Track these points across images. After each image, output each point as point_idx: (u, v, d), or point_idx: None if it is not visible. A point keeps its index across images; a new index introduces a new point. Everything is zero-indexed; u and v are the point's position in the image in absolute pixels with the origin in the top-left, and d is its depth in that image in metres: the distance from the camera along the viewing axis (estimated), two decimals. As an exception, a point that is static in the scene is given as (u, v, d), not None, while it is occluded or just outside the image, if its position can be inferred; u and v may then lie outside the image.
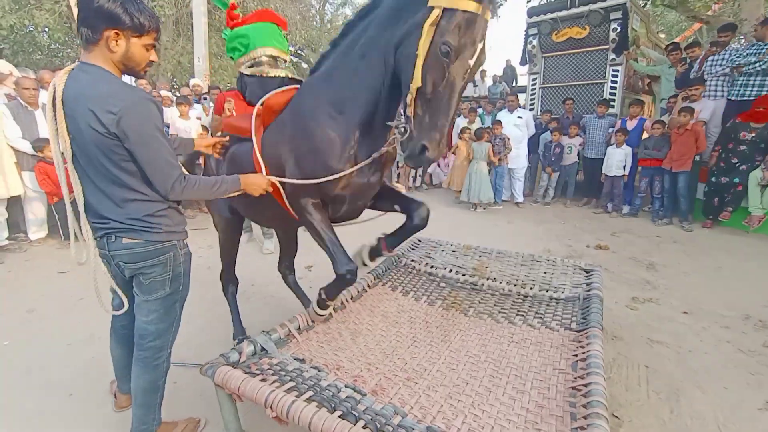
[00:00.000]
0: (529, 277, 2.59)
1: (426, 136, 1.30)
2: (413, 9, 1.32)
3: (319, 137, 1.57)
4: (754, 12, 5.82)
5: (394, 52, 1.38)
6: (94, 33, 1.24)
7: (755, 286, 3.19)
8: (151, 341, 1.52)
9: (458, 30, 1.23)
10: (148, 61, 1.37)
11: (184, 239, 1.53)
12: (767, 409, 1.84)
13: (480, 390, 1.58)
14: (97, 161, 1.29)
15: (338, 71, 1.60)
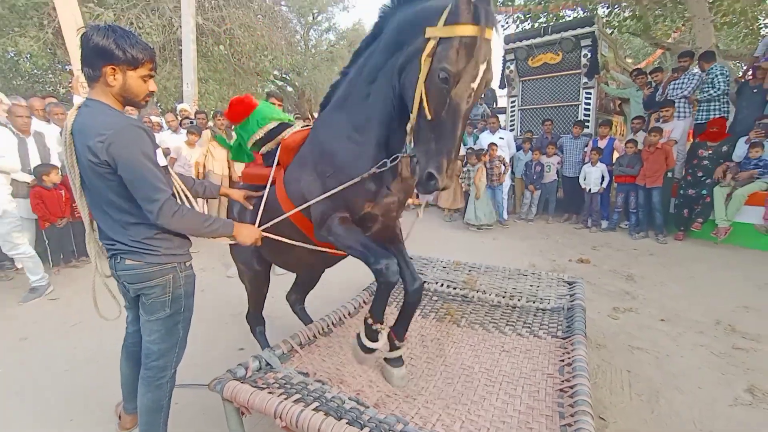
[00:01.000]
0: (516, 290, 2.73)
1: (433, 164, 1.28)
2: (412, 37, 1.34)
3: (341, 157, 1.59)
4: (707, 41, 6.35)
5: (399, 77, 1.41)
6: (93, 70, 1.35)
7: (725, 293, 3.41)
8: (154, 360, 1.57)
9: (457, 55, 1.22)
10: (147, 92, 1.44)
11: (186, 262, 1.58)
12: (737, 405, 1.99)
13: (475, 398, 1.68)
14: (98, 188, 1.38)
15: (350, 99, 1.62)
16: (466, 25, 1.20)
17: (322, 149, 1.67)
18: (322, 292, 2.83)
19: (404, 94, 1.40)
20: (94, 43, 1.31)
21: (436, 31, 1.24)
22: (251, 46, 11.32)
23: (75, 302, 3.39)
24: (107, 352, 2.26)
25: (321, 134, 1.72)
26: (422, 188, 1.36)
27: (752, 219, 4.60)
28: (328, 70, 16.23)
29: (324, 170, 1.63)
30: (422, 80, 1.27)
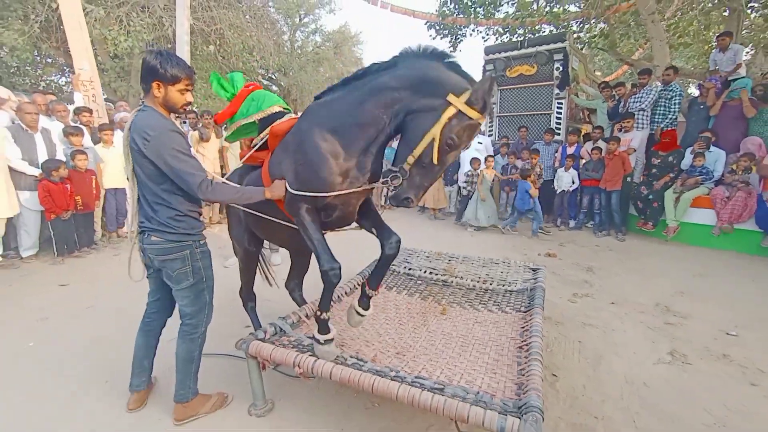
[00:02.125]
0: (489, 276, 3.17)
1: (413, 192, 1.70)
2: (433, 92, 1.63)
3: (316, 150, 1.78)
4: (663, 59, 7.04)
5: (404, 114, 1.70)
6: (146, 84, 1.72)
7: (667, 281, 3.96)
8: (188, 320, 1.91)
9: (463, 132, 1.62)
10: (184, 102, 1.78)
11: (200, 240, 1.88)
12: (659, 364, 2.48)
13: (453, 354, 2.09)
14: (140, 175, 1.73)
15: (344, 102, 1.82)
16: (478, 111, 1.60)
17: (302, 139, 1.86)
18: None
19: (405, 131, 1.71)
20: (147, 63, 1.69)
21: (458, 103, 1.59)
22: (240, 46, 11.51)
23: (84, 288, 3.63)
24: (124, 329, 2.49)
25: (303, 126, 1.92)
26: (395, 203, 1.75)
27: (696, 219, 5.22)
28: (314, 71, 16.51)
29: (297, 158, 1.86)
30: (438, 135, 1.61)
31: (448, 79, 1.64)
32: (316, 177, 1.78)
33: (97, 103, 5.51)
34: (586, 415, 2.02)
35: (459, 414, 1.50)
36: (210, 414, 2.00)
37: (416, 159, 1.67)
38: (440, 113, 1.61)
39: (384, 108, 1.72)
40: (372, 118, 1.74)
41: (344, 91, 1.88)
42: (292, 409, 2.07)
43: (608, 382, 2.30)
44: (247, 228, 2.46)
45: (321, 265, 1.80)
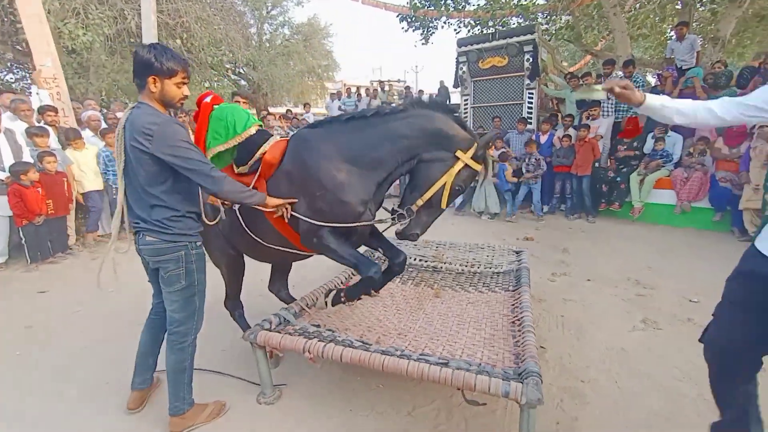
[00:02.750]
0: (476, 260, 3.33)
1: (419, 229, 2.00)
2: (445, 146, 1.90)
3: (333, 182, 1.89)
4: (625, 50, 7.45)
5: (417, 161, 1.94)
6: (141, 80, 1.65)
7: (635, 258, 4.28)
8: (176, 327, 1.82)
9: (468, 179, 1.96)
10: (181, 96, 1.71)
11: (196, 242, 1.81)
12: (634, 331, 2.73)
13: (451, 333, 2.21)
14: (136, 173, 1.64)
15: (357, 139, 1.93)
16: (480, 164, 1.95)
17: (313, 171, 1.92)
18: (312, 274, 3.24)
19: (415, 175, 1.98)
20: (140, 57, 1.61)
21: (465, 158, 1.90)
22: (207, 39, 11.15)
23: (66, 294, 3.52)
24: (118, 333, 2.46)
25: (311, 159, 1.95)
26: (401, 238, 2.01)
27: (659, 200, 5.62)
28: (284, 65, 16.17)
29: (311, 190, 1.91)
30: (449, 184, 1.92)
31: (456, 136, 1.91)
32: (340, 204, 1.89)
33: (63, 102, 5.25)
34: (573, 379, 2.21)
35: (466, 383, 1.62)
36: (207, 424, 1.93)
37: (425, 202, 1.94)
38: (450, 165, 1.90)
39: (399, 152, 1.93)
40: (387, 159, 1.93)
41: (351, 128, 1.98)
42: (300, 396, 2.15)
43: (591, 350, 2.51)
44: (228, 240, 2.34)
45: (363, 273, 1.92)
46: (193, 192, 1.81)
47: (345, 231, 1.97)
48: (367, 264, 1.91)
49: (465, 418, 1.94)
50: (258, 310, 2.85)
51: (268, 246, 2.16)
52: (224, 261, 2.44)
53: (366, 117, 1.97)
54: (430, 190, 1.92)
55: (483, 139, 1.94)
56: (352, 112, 2.04)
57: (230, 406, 2.06)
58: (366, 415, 1.99)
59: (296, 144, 2.07)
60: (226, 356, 2.54)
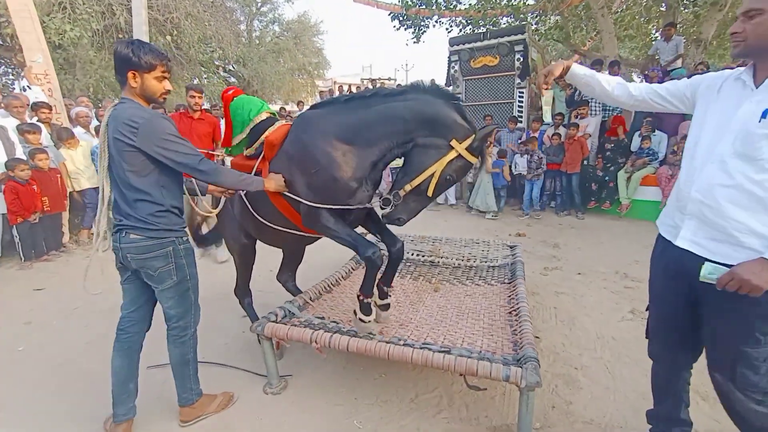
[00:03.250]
0: (471, 254, 3.42)
1: (406, 214, 1.93)
2: (440, 133, 1.82)
3: (328, 161, 1.89)
4: (612, 50, 7.65)
5: (411, 144, 1.87)
6: (121, 76, 1.62)
7: (623, 252, 4.43)
8: (175, 323, 1.83)
9: (460, 170, 1.87)
10: (163, 90, 1.68)
11: (183, 237, 1.79)
12: (623, 321, 2.86)
13: (450, 323, 2.30)
14: (120, 168, 1.61)
15: (354, 119, 1.92)
16: (475, 157, 1.86)
17: (310, 149, 1.94)
18: (315, 273, 3.30)
19: (409, 159, 1.91)
20: (118, 53, 1.60)
21: (459, 147, 1.82)
22: (197, 36, 11.05)
23: (63, 291, 3.51)
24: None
25: (307, 136, 1.99)
26: (388, 221, 1.96)
27: (646, 196, 5.80)
28: (275, 62, 16.07)
29: (308, 167, 1.93)
30: (438, 172, 1.84)
31: (454, 124, 1.83)
32: (333, 181, 1.87)
33: (55, 98, 5.18)
34: (567, 366, 2.32)
35: (469, 369, 1.71)
36: (216, 414, 1.97)
37: (413, 188, 1.87)
38: (443, 153, 1.83)
39: (395, 134, 1.88)
40: (381, 138, 1.89)
41: (349, 108, 1.97)
42: (305, 385, 2.21)
43: (583, 339, 2.62)
44: (241, 225, 2.43)
45: (361, 254, 1.88)
46: (176, 186, 1.79)
47: (342, 211, 1.96)
48: (366, 245, 1.90)
49: (466, 403, 2.03)
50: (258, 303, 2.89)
51: (275, 228, 2.20)
52: (237, 248, 2.53)
53: (365, 97, 1.96)
54: (420, 176, 1.85)
55: (481, 131, 1.86)
56: (353, 93, 2.03)
57: (238, 396, 2.12)
58: (371, 404, 2.06)
59: (297, 124, 2.12)
60: (229, 349, 2.59)
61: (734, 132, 1.21)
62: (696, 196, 1.29)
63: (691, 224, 1.33)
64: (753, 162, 1.17)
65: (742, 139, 1.19)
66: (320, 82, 19.34)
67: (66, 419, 1.98)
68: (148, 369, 1.98)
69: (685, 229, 1.34)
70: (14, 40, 8.86)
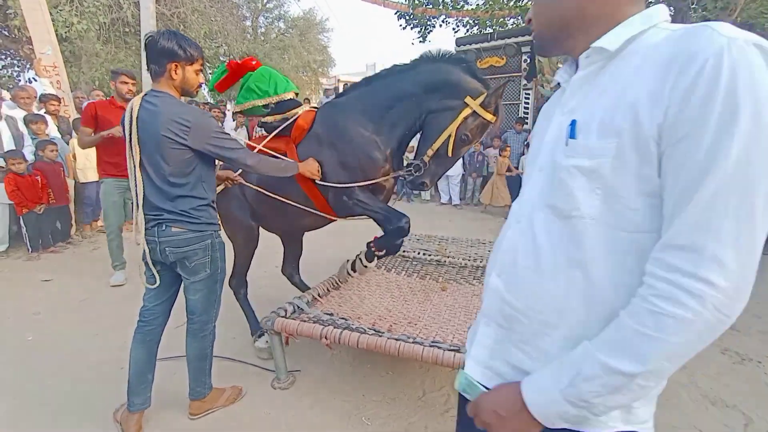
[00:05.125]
0: (477, 254, 3.42)
1: (429, 178, 2.04)
2: (452, 95, 1.90)
3: (360, 142, 2.02)
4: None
5: (426, 114, 1.98)
6: (160, 67, 1.62)
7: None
8: (198, 316, 1.84)
9: (476, 129, 1.93)
10: (198, 83, 1.73)
11: (218, 230, 1.84)
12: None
13: (459, 323, 2.30)
14: (158, 165, 1.62)
15: (373, 103, 2.06)
16: (491, 113, 1.91)
17: (342, 132, 2.07)
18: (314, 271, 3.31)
19: (426, 127, 2.00)
20: (161, 45, 1.59)
21: (473, 104, 1.87)
22: (203, 31, 11.05)
23: (71, 282, 3.52)
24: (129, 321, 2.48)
25: (338, 121, 2.11)
26: (412, 187, 2.12)
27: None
28: (280, 59, 16.07)
29: (342, 148, 2.05)
30: (454, 131, 1.91)
31: (465, 83, 1.90)
32: (368, 159, 2.00)
33: (63, 91, 5.19)
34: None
35: (479, 367, 1.71)
36: (225, 407, 1.99)
37: (434, 152, 1.97)
38: (457, 113, 1.89)
39: (412, 109, 1.99)
40: (402, 118, 2.03)
41: (372, 90, 2.09)
42: (313, 381, 2.22)
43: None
44: (250, 207, 2.42)
45: (395, 225, 1.98)
46: (213, 180, 1.84)
47: (372, 188, 2.07)
48: (398, 216, 2.00)
49: (473, 402, 2.03)
50: (266, 298, 2.91)
51: (284, 206, 2.23)
52: (241, 233, 2.49)
53: (384, 77, 2.07)
54: (439, 138, 1.93)
55: (494, 87, 1.93)
56: (372, 75, 2.15)
57: (246, 391, 2.12)
58: (378, 401, 2.07)
59: (325, 110, 2.26)
60: (237, 343, 2.59)
61: (541, 167, 0.71)
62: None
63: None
64: (565, 219, 0.64)
65: (549, 179, 0.67)
66: (324, 80, 19.34)
67: (77, 408, 1.99)
68: (158, 361, 1.98)
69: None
70: (21, 32, 8.90)
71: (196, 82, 1.72)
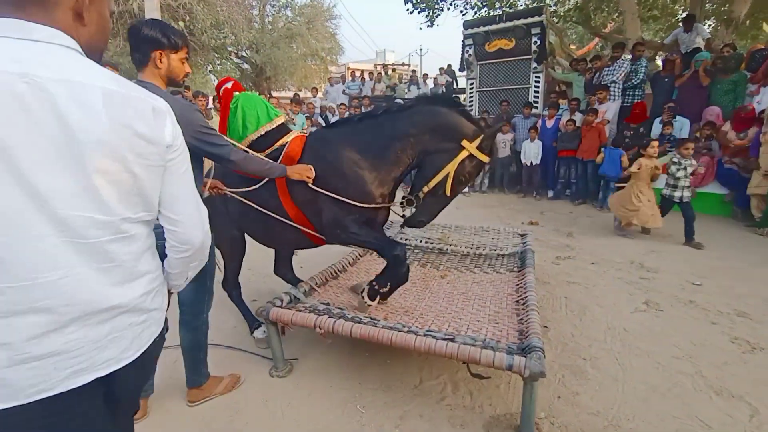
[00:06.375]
0: (481, 242, 3.37)
1: (426, 217, 2.10)
2: (450, 137, 1.98)
3: (354, 178, 2.01)
4: (634, 33, 7.31)
5: (424, 155, 2.02)
6: (144, 56, 1.54)
7: (639, 242, 4.32)
8: (188, 307, 1.86)
9: (473, 170, 2.01)
10: (184, 72, 1.66)
11: None
12: (636, 312, 2.79)
13: (456, 310, 2.28)
14: None
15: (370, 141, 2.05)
16: (485, 155, 2.00)
17: (335, 167, 2.04)
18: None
19: (423, 167, 2.05)
20: (144, 33, 1.53)
21: (470, 147, 1.96)
22: (210, 21, 11.03)
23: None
24: None
25: (330, 155, 2.07)
26: (409, 225, 2.14)
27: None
28: (287, 48, 15.95)
29: (335, 184, 2.02)
30: (452, 172, 1.98)
31: (462, 127, 1.99)
32: (362, 193, 2.01)
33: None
34: (575, 357, 2.28)
35: (471, 357, 1.69)
36: (223, 395, 2.02)
37: (430, 190, 2.02)
38: (455, 154, 1.97)
39: (408, 150, 2.04)
40: (398, 158, 2.05)
41: (364, 128, 2.11)
42: (311, 370, 2.23)
43: (593, 330, 2.57)
44: (234, 221, 2.39)
45: (388, 254, 2.01)
46: (199, 177, 1.78)
47: (365, 222, 2.09)
48: (392, 245, 2.03)
49: (470, 391, 2.02)
50: (268, 289, 2.93)
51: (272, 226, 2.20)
52: (227, 240, 2.46)
53: (376, 116, 2.10)
54: (435, 177, 1.99)
55: (489, 130, 2.01)
56: (364, 113, 2.17)
57: (244, 378, 2.15)
58: (375, 389, 2.07)
59: (316, 142, 2.18)
60: (237, 332, 2.62)
61: None
62: None
63: None
64: None
65: None
66: (333, 68, 19.15)
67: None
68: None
69: None
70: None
71: (182, 72, 1.65)
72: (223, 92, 2.18)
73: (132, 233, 0.84)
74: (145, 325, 0.89)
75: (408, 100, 2.14)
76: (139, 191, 0.82)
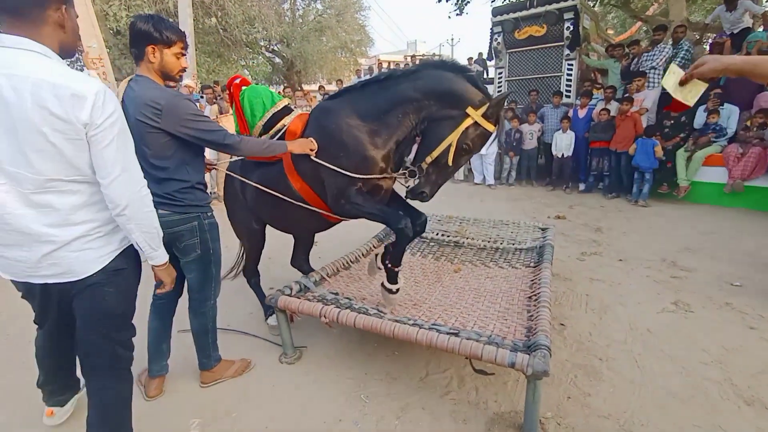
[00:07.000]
0: (499, 236, 3.28)
1: (428, 188, 1.97)
2: (454, 104, 1.87)
3: (356, 145, 1.96)
4: (679, 15, 6.77)
5: (428, 121, 1.94)
6: (139, 51, 1.60)
7: (674, 238, 4.04)
8: (196, 294, 1.93)
9: (477, 139, 1.90)
10: (180, 68, 1.68)
11: (207, 212, 1.84)
12: (663, 312, 2.61)
13: (465, 305, 2.23)
14: (141, 150, 1.56)
15: (371, 105, 1.99)
16: (492, 124, 1.88)
17: (336, 134, 2.00)
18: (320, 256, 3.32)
19: (426, 134, 1.97)
20: (137, 28, 1.58)
21: (475, 115, 1.85)
22: (241, 17, 11.29)
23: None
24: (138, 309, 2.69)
25: (331, 123, 2.04)
26: (411, 196, 2.04)
27: (708, 178, 5.21)
28: (317, 41, 16.07)
29: (335, 152, 1.99)
30: (455, 141, 1.88)
31: (467, 93, 1.87)
32: (363, 159, 1.96)
33: (108, 81, 5.57)
34: (591, 357, 2.18)
35: (473, 352, 1.65)
36: (233, 378, 2.09)
37: (433, 160, 1.93)
38: (459, 122, 1.86)
39: (410, 114, 1.96)
40: (400, 122, 1.97)
41: (367, 93, 2.03)
42: (319, 357, 2.27)
43: (613, 329, 2.44)
44: (252, 210, 2.45)
45: (393, 226, 1.95)
46: (200, 163, 1.83)
47: (369, 191, 2.04)
48: (397, 217, 1.95)
49: (476, 386, 1.98)
50: (286, 278, 2.98)
51: (287, 210, 2.22)
52: (246, 233, 2.57)
53: (380, 80, 2.02)
54: (439, 147, 1.90)
55: (496, 98, 1.88)
56: (367, 78, 2.10)
57: (255, 363, 2.22)
58: (380, 379, 2.07)
59: (317, 113, 2.17)
60: (252, 318, 2.71)
61: None
62: None
63: None
64: None
65: None
66: (363, 60, 19.12)
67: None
68: (179, 333, 2.12)
69: None
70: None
71: (177, 67, 1.67)
72: (233, 89, 2.24)
73: (66, 189, 1.17)
74: (79, 259, 1.24)
75: (414, 65, 2.03)
76: (62, 158, 1.13)
